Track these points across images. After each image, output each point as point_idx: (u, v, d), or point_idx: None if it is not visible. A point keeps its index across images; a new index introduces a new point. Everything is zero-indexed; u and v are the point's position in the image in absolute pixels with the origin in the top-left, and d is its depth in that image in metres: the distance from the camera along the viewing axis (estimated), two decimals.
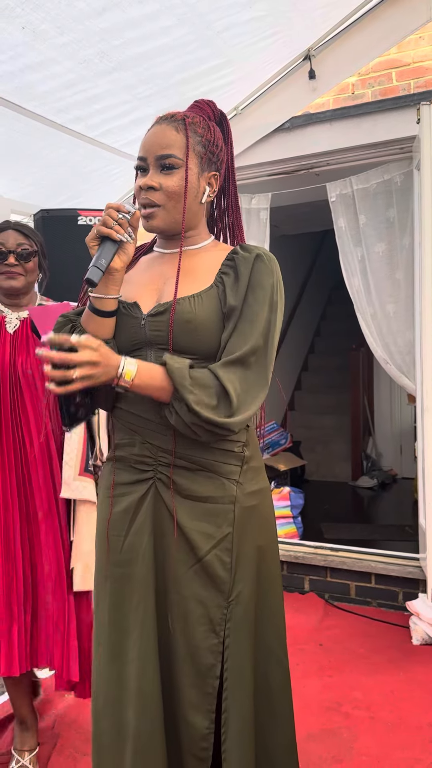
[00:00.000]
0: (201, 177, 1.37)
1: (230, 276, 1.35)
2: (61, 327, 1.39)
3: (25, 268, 1.98)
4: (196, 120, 1.37)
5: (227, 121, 1.47)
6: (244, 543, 1.37)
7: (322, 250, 7.20)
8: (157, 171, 1.33)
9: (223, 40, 2.63)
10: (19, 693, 2.10)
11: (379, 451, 6.43)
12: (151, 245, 1.52)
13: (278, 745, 1.43)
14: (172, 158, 1.32)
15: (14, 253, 1.96)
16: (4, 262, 1.97)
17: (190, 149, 1.34)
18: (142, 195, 1.34)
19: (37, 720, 2.18)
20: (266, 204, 3.64)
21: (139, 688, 1.31)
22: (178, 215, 1.35)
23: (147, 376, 1.26)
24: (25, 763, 2.05)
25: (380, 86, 3.24)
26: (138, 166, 1.37)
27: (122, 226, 1.27)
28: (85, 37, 2.29)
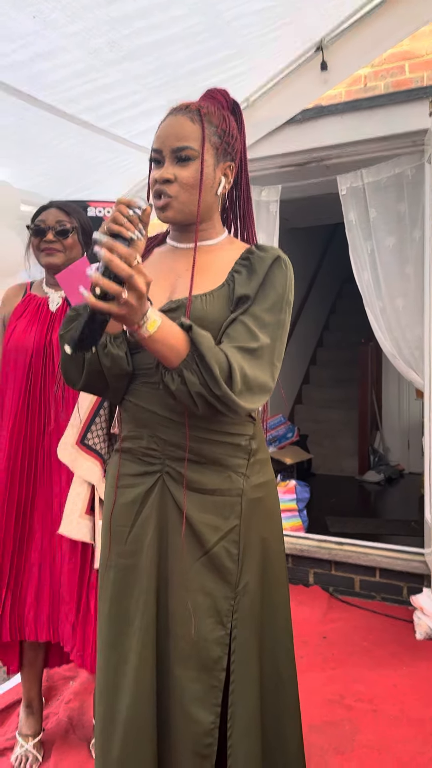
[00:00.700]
0: (216, 168, 1.36)
1: (242, 274, 1.34)
2: (70, 321, 1.38)
3: (64, 244, 2.00)
4: (211, 110, 1.36)
5: (240, 110, 1.46)
6: (250, 535, 1.38)
7: (332, 243, 7.17)
8: (172, 163, 1.32)
9: (233, 30, 2.62)
10: (31, 675, 2.12)
11: (387, 446, 6.42)
12: (164, 237, 1.50)
13: (285, 736, 1.43)
14: (188, 150, 1.31)
15: (53, 230, 1.99)
16: (44, 238, 1.99)
17: (206, 140, 1.32)
18: (157, 187, 1.33)
19: (42, 706, 2.20)
20: (276, 196, 3.62)
21: (136, 679, 1.31)
22: (193, 207, 1.34)
23: (168, 332, 1.19)
24: (29, 747, 2.06)
25: (393, 78, 3.21)
26: (153, 158, 1.36)
27: (133, 222, 1.24)
28: (96, 26, 2.29)
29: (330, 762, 2.02)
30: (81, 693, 2.43)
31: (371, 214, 3.34)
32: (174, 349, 1.20)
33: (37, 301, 2.05)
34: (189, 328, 1.21)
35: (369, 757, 2.05)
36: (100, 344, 1.31)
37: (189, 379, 1.21)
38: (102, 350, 1.32)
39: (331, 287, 7.52)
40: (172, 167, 1.32)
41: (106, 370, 1.33)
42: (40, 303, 2.05)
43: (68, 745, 2.12)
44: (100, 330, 1.14)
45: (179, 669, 1.33)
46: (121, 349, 1.34)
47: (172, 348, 1.20)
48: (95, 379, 1.36)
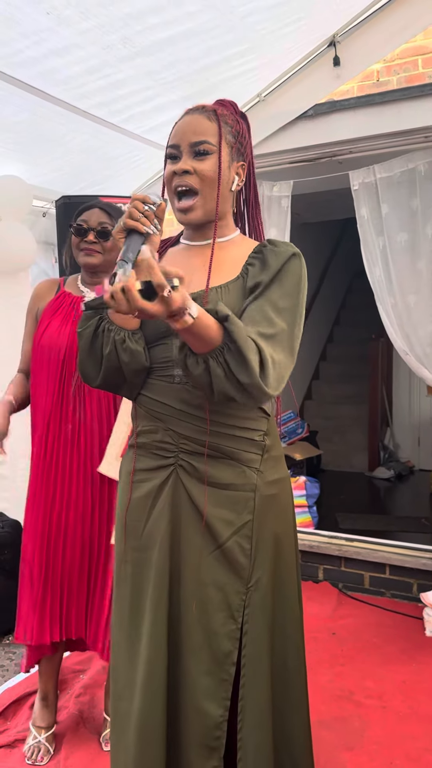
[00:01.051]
0: (231, 166, 1.39)
1: (255, 266, 1.36)
2: (88, 318, 1.39)
3: (104, 246, 2.01)
4: (224, 112, 1.40)
5: (248, 120, 1.50)
6: (263, 530, 1.38)
7: (344, 238, 7.14)
8: (190, 156, 1.35)
9: (247, 25, 2.61)
10: (49, 668, 2.15)
11: (397, 442, 6.40)
12: (177, 238, 1.52)
13: (294, 730, 1.44)
14: (206, 144, 1.34)
15: (94, 231, 2.00)
16: (84, 239, 2.01)
17: (223, 138, 1.36)
18: (176, 179, 1.35)
19: (57, 698, 2.22)
20: (288, 192, 3.61)
21: (148, 673, 1.33)
22: (213, 202, 1.36)
23: (204, 323, 1.16)
24: (42, 739, 2.09)
25: (406, 73, 3.19)
26: (169, 154, 1.38)
27: (148, 218, 1.26)
28: (109, 23, 2.29)
29: (339, 758, 2.03)
30: (91, 686, 2.45)
31: (383, 210, 3.32)
32: (208, 339, 1.18)
33: (72, 299, 2.06)
34: (225, 318, 1.19)
35: (378, 754, 2.06)
36: (118, 339, 1.33)
37: (213, 369, 1.20)
38: (121, 345, 1.33)
39: (342, 282, 7.49)
40: (190, 161, 1.35)
41: (124, 365, 1.35)
42: (74, 301, 2.06)
43: (78, 738, 2.14)
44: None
45: (190, 662, 1.34)
46: (140, 344, 1.35)
47: (207, 338, 1.18)
48: (113, 375, 1.37)
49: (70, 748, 2.08)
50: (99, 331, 1.36)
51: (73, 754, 2.05)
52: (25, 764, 2.02)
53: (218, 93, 2.98)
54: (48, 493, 2.01)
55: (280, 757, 1.42)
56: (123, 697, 1.39)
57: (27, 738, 2.12)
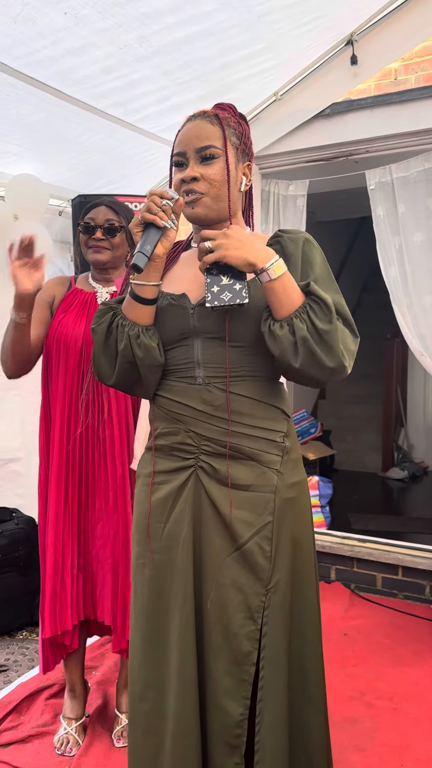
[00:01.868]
0: (238, 167, 1.40)
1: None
2: (102, 314, 1.41)
3: (111, 242, 2.03)
4: (226, 115, 1.41)
5: (247, 122, 1.51)
6: (282, 532, 1.39)
7: (359, 237, 7.10)
8: (197, 162, 1.36)
9: (264, 24, 2.61)
10: (72, 661, 2.17)
11: (411, 443, 6.36)
12: (188, 242, 1.53)
13: (312, 731, 1.45)
14: (212, 148, 1.35)
15: (101, 228, 2.02)
16: (92, 236, 2.03)
17: (227, 140, 1.37)
18: (184, 187, 1.36)
19: (86, 690, 2.25)
20: (303, 191, 3.60)
21: (180, 672, 1.34)
22: (222, 203, 1.37)
23: (289, 279, 1.28)
24: (71, 730, 2.11)
25: (424, 72, 3.17)
26: (176, 162, 1.39)
27: (165, 212, 1.28)
28: (126, 22, 2.30)
29: (350, 759, 2.03)
30: (103, 683, 2.47)
31: (400, 209, 3.30)
32: (290, 297, 1.27)
33: (85, 295, 2.09)
34: (308, 284, 1.28)
35: (389, 755, 2.05)
36: (133, 334, 1.35)
37: (297, 325, 1.25)
38: (135, 340, 1.35)
39: (357, 281, 7.46)
40: (198, 166, 1.36)
41: (139, 360, 1.36)
42: (87, 297, 2.08)
43: (91, 735, 2.15)
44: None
45: (211, 662, 1.36)
46: (153, 340, 1.37)
47: (290, 296, 1.27)
48: (128, 371, 1.39)
49: (83, 744, 2.10)
50: (113, 326, 1.38)
51: (86, 751, 2.07)
52: (37, 760, 2.04)
53: (234, 92, 3.00)
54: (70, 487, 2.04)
55: (297, 758, 1.43)
56: (145, 699, 1.40)
57: (58, 729, 2.15)
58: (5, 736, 2.15)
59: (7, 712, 2.27)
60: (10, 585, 2.96)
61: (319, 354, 1.26)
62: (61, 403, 2.03)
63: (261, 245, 1.28)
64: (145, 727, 1.40)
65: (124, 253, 2.07)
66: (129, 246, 2.07)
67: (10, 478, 3.32)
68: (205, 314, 1.35)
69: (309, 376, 1.31)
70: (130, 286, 1.36)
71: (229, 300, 1.27)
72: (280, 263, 1.26)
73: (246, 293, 1.27)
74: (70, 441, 2.03)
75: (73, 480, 2.04)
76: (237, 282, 1.27)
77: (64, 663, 2.18)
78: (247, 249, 1.25)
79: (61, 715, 2.19)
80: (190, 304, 1.38)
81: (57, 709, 2.29)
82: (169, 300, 1.39)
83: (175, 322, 1.38)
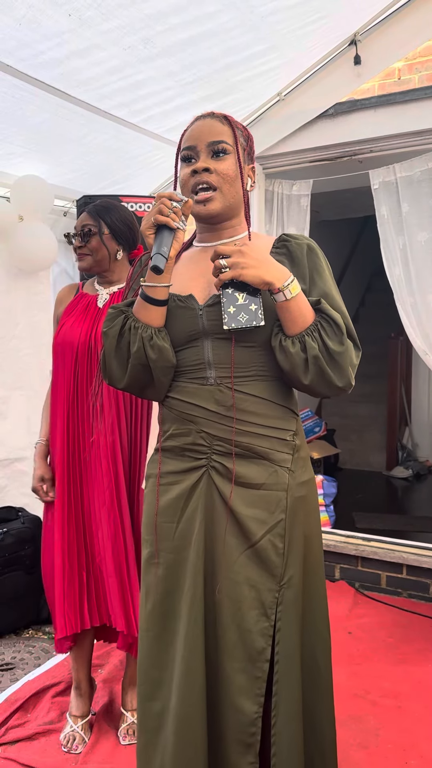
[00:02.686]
0: (244, 167, 1.42)
1: (285, 262, 1.40)
2: (113, 318, 1.42)
3: (89, 248, 2.05)
4: (233, 119, 1.44)
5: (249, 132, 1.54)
6: (294, 530, 1.41)
7: (363, 236, 7.10)
8: (208, 157, 1.38)
9: (267, 25, 2.61)
10: (79, 658, 2.19)
11: (416, 442, 6.36)
12: (190, 242, 1.55)
13: (323, 722, 1.47)
14: (224, 143, 1.38)
15: (78, 235, 2.05)
16: (73, 245, 2.07)
17: (237, 139, 1.40)
18: (196, 178, 1.37)
19: (92, 689, 2.26)
20: (307, 191, 3.61)
21: (187, 671, 1.35)
22: (232, 199, 1.40)
23: (303, 299, 1.31)
24: (77, 728, 2.13)
25: (428, 71, 3.17)
26: (185, 156, 1.40)
27: (177, 214, 1.30)
28: (130, 23, 2.31)
29: (354, 756, 2.04)
30: (109, 681, 2.48)
31: (403, 209, 3.31)
32: (303, 316, 1.30)
33: (88, 299, 2.11)
34: (318, 302, 1.32)
35: (393, 753, 2.06)
36: (146, 336, 1.37)
37: (309, 344, 1.29)
38: (148, 342, 1.36)
39: (361, 280, 7.46)
40: (209, 160, 1.38)
41: (152, 362, 1.37)
42: (89, 301, 2.10)
43: (97, 732, 2.16)
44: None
45: (225, 660, 1.36)
46: (166, 341, 1.38)
47: (303, 314, 1.30)
48: (140, 373, 1.40)
49: (90, 742, 2.11)
50: (125, 329, 1.39)
51: (92, 748, 2.08)
52: (43, 757, 2.05)
53: (238, 93, 3.01)
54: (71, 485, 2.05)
55: (310, 749, 1.44)
56: (153, 698, 1.41)
57: (64, 727, 2.16)
58: (12, 733, 2.17)
59: (14, 710, 2.28)
60: (17, 584, 2.97)
61: (329, 373, 1.31)
62: (62, 404, 2.05)
63: (276, 263, 1.30)
64: (154, 727, 1.41)
65: (104, 254, 2.06)
66: (106, 248, 2.06)
67: (16, 478, 3.34)
68: (214, 315, 1.36)
69: (317, 392, 1.37)
70: (142, 288, 1.36)
71: (246, 322, 1.30)
72: (296, 283, 1.29)
73: (262, 314, 1.30)
74: (71, 442, 2.04)
75: (74, 483, 2.05)
76: (252, 302, 1.30)
77: (71, 659, 2.20)
78: (264, 268, 1.27)
79: (68, 713, 2.20)
80: (198, 306, 1.39)
81: (63, 707, 2.31)
82: (176, 302, 1.40)
83: (184, 324, 1.39)
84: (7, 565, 2.95)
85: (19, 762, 2.02)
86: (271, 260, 1.29)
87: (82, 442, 2.04)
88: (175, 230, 1.31)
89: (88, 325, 2.03)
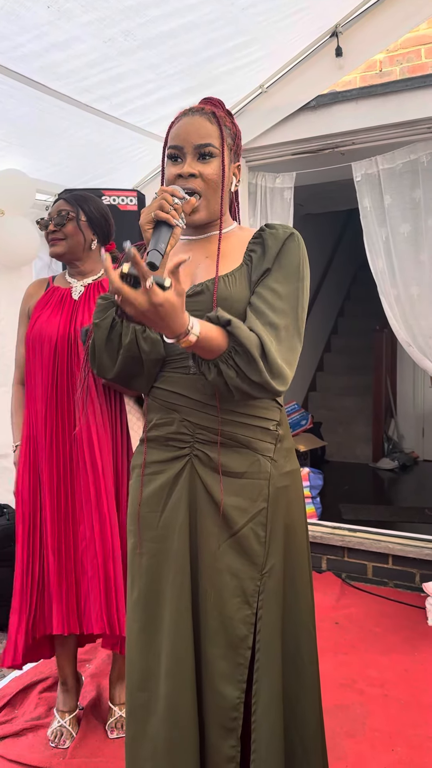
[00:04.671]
0: (230, 167, 1.43)
1: (257, 252, 1.39)
2: (104, 309, 1.41)
3: (64, 233, 2.04)
4: (221, 114, 1.43)
5: (234, 119, 1.52)
6: (276, 519, 1.41)
7: (347, 230, 7.12)
8: (194, 159, 1.38)
9: (248, 17, 2.60)
10: (64, 654, 2.18)
11: (401, 433, 6.41)
12: None
13: (306, 713, 1.47)
14: (211, 147, 1.38)
15: (53, 221, 2.04)
16: (47, 230, 2.06)
17: (224, 140, 1.40)
18: (181, 182, 1.37)
19: (79, 684, 2.27)
20: (290, 183, 3.61)
21: (177, 659, 1.35)
22: (216, 204, 1.40)
23: (208, 334, 1.22)
24: (64, 723, 2.13)
25: (409, 63, 3.18)
26: (171, 154, 1.40)
27: (177, 211, 1.30)
28: (110, 15, 2.29)
29: (341, 744, 2.06)
30: (97, 676, 2.49)
31: (386, 201, 3.32)
32: (215, 348, 1.25)
33: (61, 291, 2.10)
34: (228, 323, 1.25)
35: (380, 741, 2.08)
36: (139, 329, 1.37)
37: (226, 372, 1.26)
38: (141, 335, 1.37)
39: (346, 273, 7.48)
40: (195, 163, 1.38)
41: (144, 354, 1.38)
42: (63, 293, 2.09)
43: (85, 727, 2.17)
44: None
45: (208, 647, 1.37)
46: (158, 333, 1.38)
47: (214, 347, 1.25)
48: (130, 365, 1.40)
49: (77, 736, 2.12)
50: (117, 320, 1.39)
51: (80, 743, 2.09)
52: (31, 753, 2.05)
53: (220, 85, 3.00)
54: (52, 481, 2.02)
55: (292, 739, 1.45)
56: (142, 689, 1.41)
57: (52, 723, 2.16)
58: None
59: (1, 706, 2.28)
60: (3, 580, 2.96)
61: (253, 392, 1.30)
62: (41, 398, 2.03)
63: (174, 317, 1.15)
64: (144, 717, 1.41)
65: (80, 241, 2.05)
66: (89, 232, 2.06)
67: (1, 474, 3.32)
68: (195, 305, 1.36)
69: (247, 400, 1.36)
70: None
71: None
72: (196, 328, 1.19)
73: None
74: (54, 439, 2.02)
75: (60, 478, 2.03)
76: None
77: (57, 656, 2.19)
78: (159, 328, 1.18)
79: (55, 708, 2.20)
80: None
81: (51, 703, 2.31)
82: None
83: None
84: None
85: (6, 758, 2.02)
86: (169, 315, 1.15)
87: (67, 436, 2.02)
88: (174, 227, 1.31)
89: (66, 318, 2.02)
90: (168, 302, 1.12)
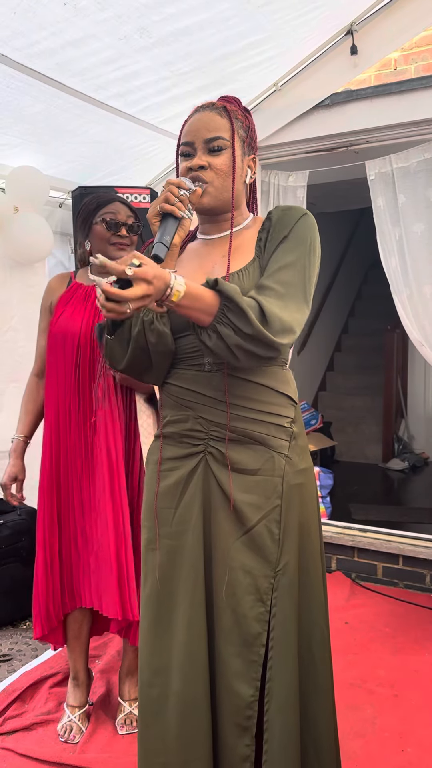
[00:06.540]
0: (243, 159, 1.44)
1: (263, 238, 1.41)
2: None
3: (132, 240, 2.08)
4: (233, 108, 1.44)
5: (251, 116, 1.53)
6: (290, 517, 1.41)
7: (359, 229, 7.10)
8: (204, 153, 1.39)
9: (264, 14, 2.60)
10: (76, 648, 2.19)
11: (411, 434, 6.38)
12: (194, 233, 1.55)
13: (319, 714, 1.47)
14: (220, 140, 1.38)
15: (126, 226, 2.05)
16: (117, 233, 2.05)
17: (235, 132, 1.40)
18: (192, 174, 1.38)
19: (90, 679, 2.27)
20: (303, 182, 3.60)
21: (189, 655, 1.36)
22: (227, 194, 1.40)
23: (195, 295, 1.23)
24: (74, 718, 2.14)
25: (424, 62, 3.16)
26: (183, 151, 1.42)
27: (183, 203, 1.30)
28: (126, 13, 2.29)
29: (351, 745, 2.05)
30: (107, 672, 2.49)
31: (400, 200, 3.30)
32: (205, 309, 1.25)
33: (84, 289, 2.11)
34: (215, 284, 1.25)
35: (390, 741, 2.08)
36: (147, 320, 1.37)
37: (223, 332, 1.25)
38: (149, 326, 1.37)
39: (357, 273, 7.45)
40: (205, 156, 1.39)
41: (151, 346, 1.39)
42: (87, 291, 2.10)
43: (95, 723, 2.17)
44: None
45: (222, 644, 1.38)
46: (166, 326, 1.39)
47: (203, 308, 1.24)
48: (139, 356, 1.41)
49: (87, 732, 2.12)
50: None
51: (90, 738, 2.09)
52: (41, 747, 2.06)
53: (234, 83, 3.00)
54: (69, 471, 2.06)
55: (304, 740, 1.45)
56: (153, 684, 1.42)
57: (62, 717, 2.17)
58: (9, 724, 2.17)
59: (12, 701, 2.29)
60: (13, 575, 2.98)
61: (254, 349, 1.28)
62: (56, 394, 2.05)
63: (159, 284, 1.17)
64: (155, 712, 1.41)
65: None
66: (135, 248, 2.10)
67: None
68: None
69: (257, 363, 1.36)
70: None
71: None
72: (177, 287, 1.19)
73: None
74: (62, 433, 2.05)
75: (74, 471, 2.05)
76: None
77: (69, 650, 2.20)
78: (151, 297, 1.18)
79: (65, 704, 2.21)
80: None
81: (61, 698, 2.31)
82: None
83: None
84: (4, 556, 2.95)
85: (16, 752, 2.03)
86: (158, 278, 1.16)
87: (88, 429, 2.04)
88: (181, 219, 1.31)
89: (89, 315, 2.03)
90: (149, 270, 1.13)
